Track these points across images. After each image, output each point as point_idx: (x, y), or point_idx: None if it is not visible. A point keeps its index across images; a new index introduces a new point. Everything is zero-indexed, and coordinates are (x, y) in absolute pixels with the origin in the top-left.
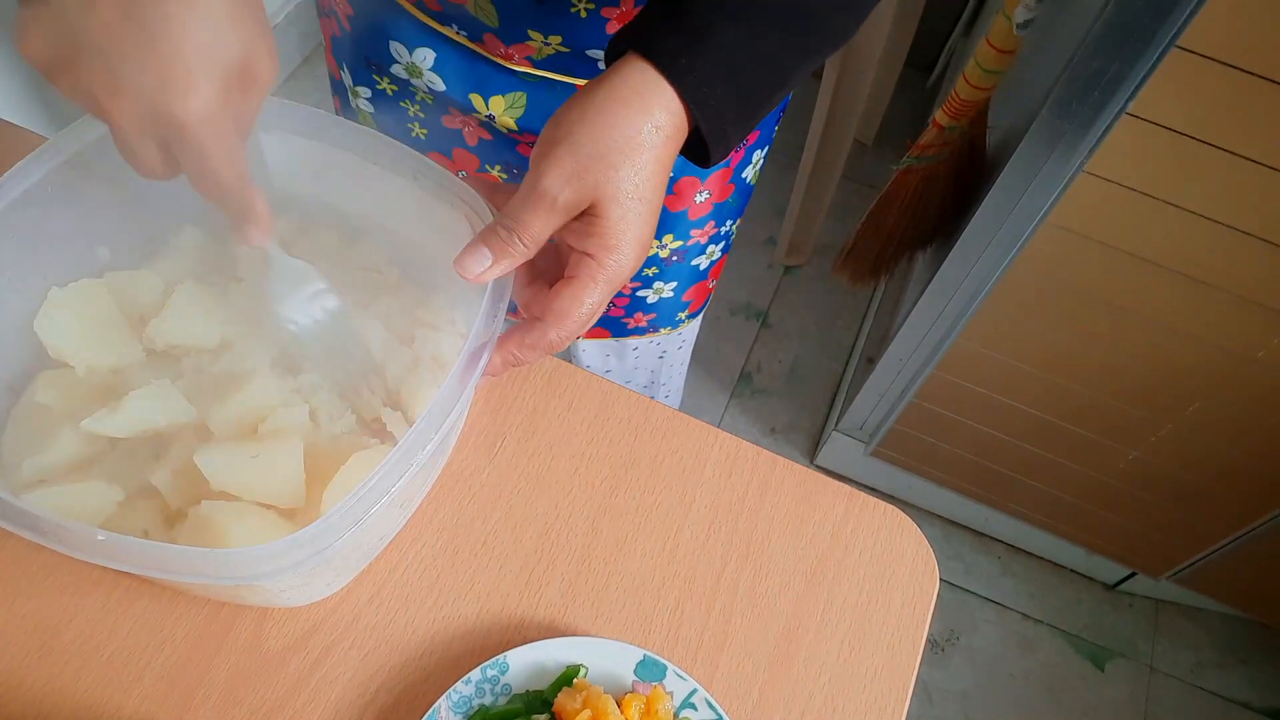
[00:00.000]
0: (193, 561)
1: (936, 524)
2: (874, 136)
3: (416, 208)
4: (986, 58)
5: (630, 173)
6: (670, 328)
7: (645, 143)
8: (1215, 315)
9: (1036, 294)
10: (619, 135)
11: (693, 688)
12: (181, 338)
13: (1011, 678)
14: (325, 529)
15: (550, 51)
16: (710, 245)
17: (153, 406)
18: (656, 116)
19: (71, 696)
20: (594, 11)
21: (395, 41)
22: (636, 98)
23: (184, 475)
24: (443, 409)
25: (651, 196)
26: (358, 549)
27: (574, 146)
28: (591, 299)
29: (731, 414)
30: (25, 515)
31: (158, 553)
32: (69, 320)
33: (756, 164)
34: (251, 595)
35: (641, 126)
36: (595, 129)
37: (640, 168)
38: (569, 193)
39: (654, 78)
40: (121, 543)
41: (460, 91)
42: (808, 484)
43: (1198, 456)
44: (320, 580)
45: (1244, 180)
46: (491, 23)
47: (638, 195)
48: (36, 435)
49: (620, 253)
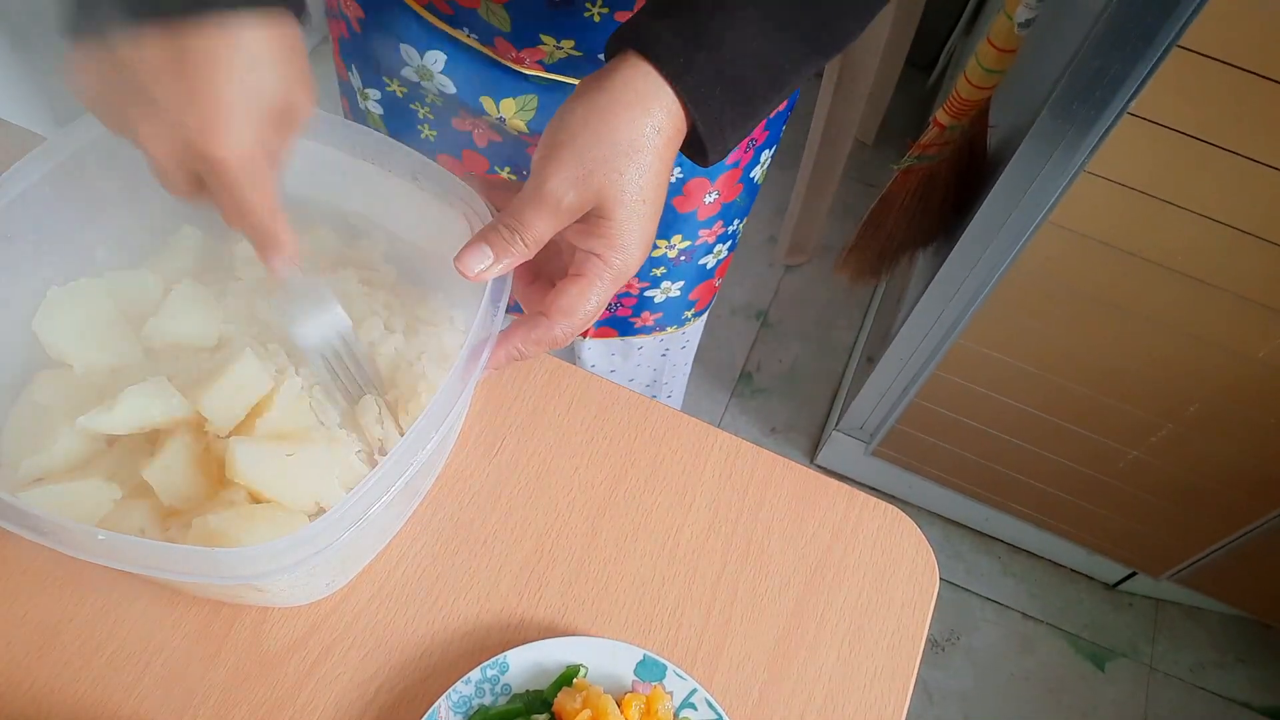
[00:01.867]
0: (191, 561)
1: (937, 524)
2: (875, 136)
3: (416, 208)
4: (987, 57)
5: (634, 175)
6: (676, 326)
7: (648, 144)
8: (1216, 315)
9: (1037, 294)
10: (622, 139)
11: (693, 688)
12: (180, 336)
13: (1011, 677)
14: (325, 527)
15: (562, 55)
16: (718, 244)
17: (149, 403)
18: (657, 118)
19: (71, 696)
20: (607, 15)
21: (406, 44)
22: (638, 100)
23: (177, 472)
24: (444, 406)
25: (655, 196)
26: (358, 547)
27: (578, 150)
28: (597, 296)
29: (731, 414)
30: (25, 515)
31: (156, 552)
32: (68, 319)
33: (764, 164)
34: (251, 595)
35: (644, 128)
36: (599, 132)
37: (644, 169)
38: (574, 196)
39: (654, 78)
40: (121, 541)
41: (471, 94)
42: (808, 484)
43: (1198, 456)
44: (320, 580)
45: (1245, 180)
46: (503, 27)
47: (642, 196)
48: (35, 434)
49: (626, 252)
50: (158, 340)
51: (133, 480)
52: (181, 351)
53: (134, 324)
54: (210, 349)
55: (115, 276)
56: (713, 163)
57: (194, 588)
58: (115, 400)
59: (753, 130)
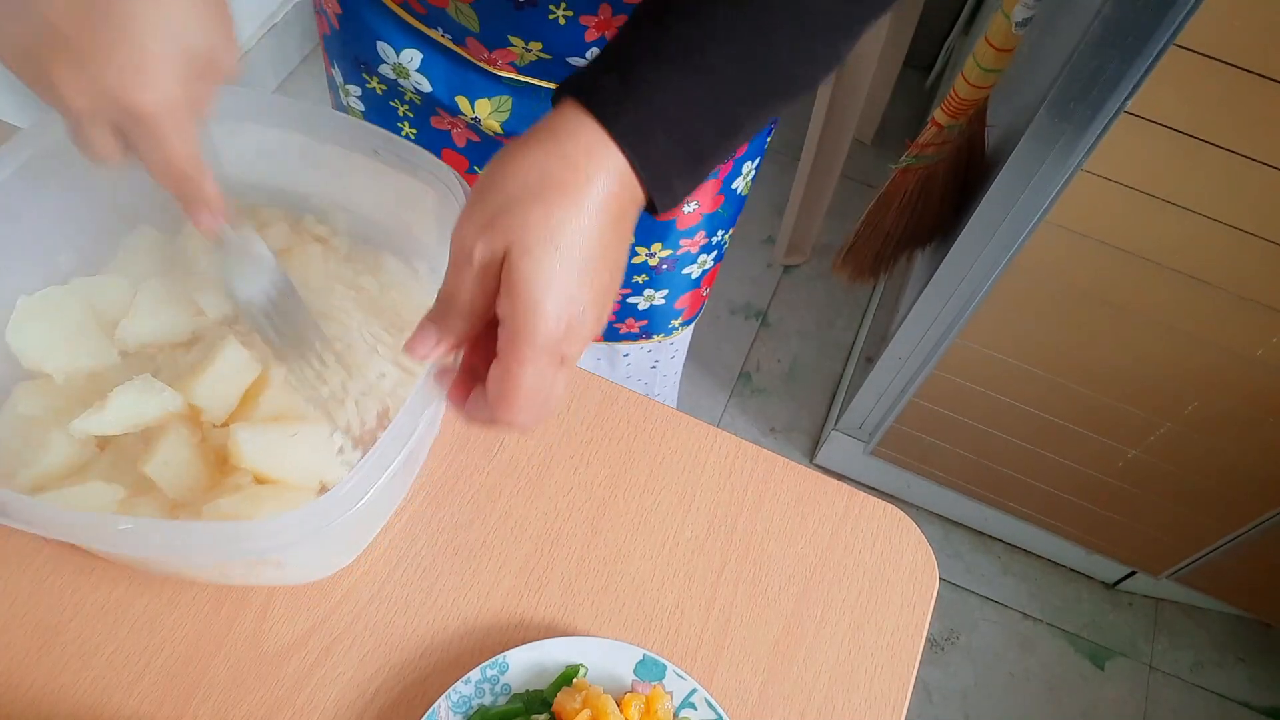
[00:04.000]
0: (218, 537)
1: (936, 523)
2: (873, 135)
3: (374, 181)
4: (985, 56)
5: (540, 216)
6: (664, 334)
7: (562, 184)
8: (1214, 314)
9: (1036, 293)
10: (530, 179)
11: (692, 687)
12: (154, 335)
13: (1011, 677)
14: (349, 489)
15: (532, 58)
16: (702, 254)
17: (140, 400)
18: (575, 160)
19: (71, 696)
20: (572, 19)
21: (382, 42)
22: (552, 139)
23: (178, 465)
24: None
25: (571, 243)
26: (373, 510)
27: (484, 195)
28: (526, 373)
29: (731, 413)
30: (48, 513)
31: (183, 533)
32: (40, 328)
33: (747, 175)
34: (269, 574)
35: (552, 170)
36: (506, 172)
37: (553, 210)
38: (482, 246)
39: (583, 118)
40: (146, 527)
41: (446, 93)
42: (807, 484)
43: (1197, 455)
44: (335, 548)
45: (1243, 178)
46: (473, 27)
47: (551, 242)
48: (26, 445)
49: (538, 311)
50: (133, 341)
51: (131, 480)
52: (157, 350)
53: (106, 328)
54: (186, 344)
55: (82, 282)
56: (664, 211)
57: (215, 571)
58: (106, 401)
59: (706, 175)
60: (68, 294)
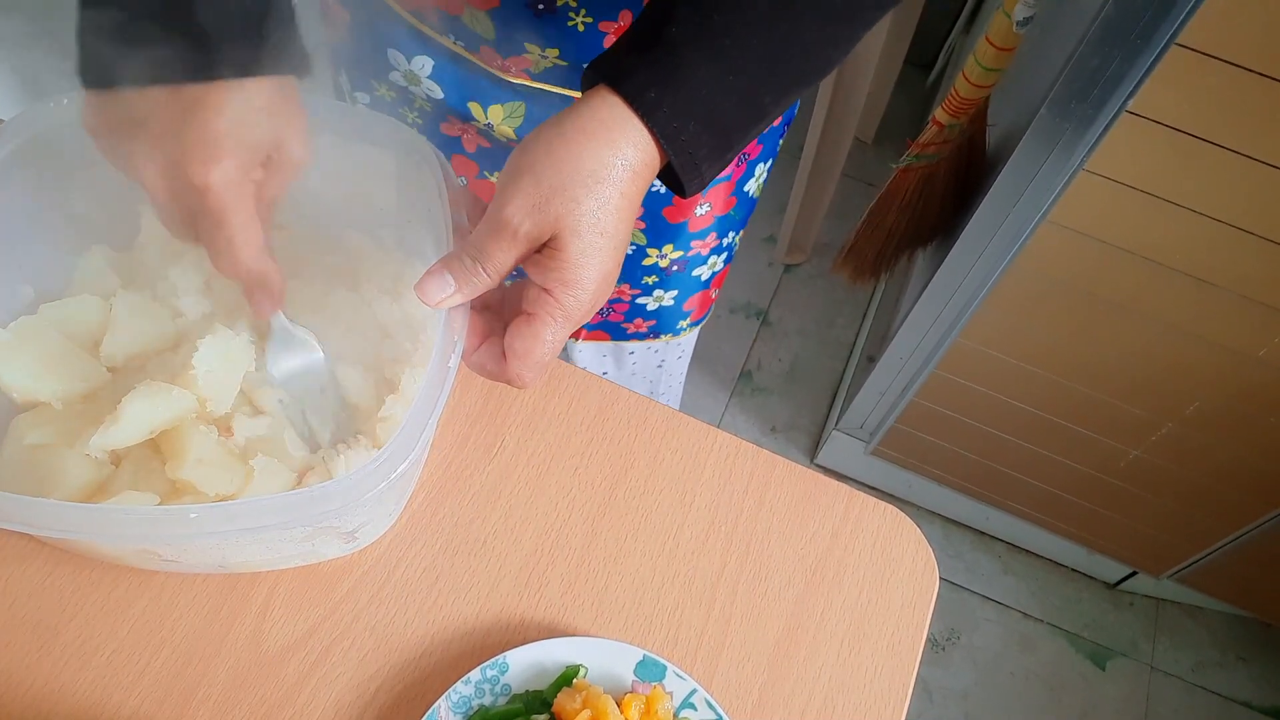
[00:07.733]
0: (299, 504)
1: (937, 523)
2: (874, 135)
3: (330, 157)
4: (986, 55)
5: (593, 206)
6: (671, 334)
7: (609, 176)
8: (1216, 313)
9: (1037, 292)
10: (583, 168)
11: (692, 688)
12: (138, 346)
13: (1012, 677)
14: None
15: (548, 64)
16: (712, 256)
17: (151, 404)
18: (623, 150)
19: (71, 696)
20: (591, 25)
21: (393, 49)
22: (603, 130)
23: (213, 464)
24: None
25: (615, 231)
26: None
27: (537, 177)
28: (551, 336)
29: (731, 413)
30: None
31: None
32: (25, 360)
33: (759, 177)
34: (337, 546)
35: (606, 160)
36: (560, 161)
37: (604, 201)
38: (530, 224)
39: (623, 111)
40: (226, 508)
41: (459, 100)
42: (808, 484)
43: (1198, 455)
44: (387, 507)
45: (1244, 177)
46: (487, 35)
47: (599, 229)
48: (40, 474)
49: (579, 288)
50: (120, 355)
51: (159, 487)
52: (145, 359)
53: (89, 348)
54: (172, 348)
55: (51, 307)
56: (691, 195)
57: (298, 555)
58: (118, 413)
59: (733, 159)
60: (41, 322)
